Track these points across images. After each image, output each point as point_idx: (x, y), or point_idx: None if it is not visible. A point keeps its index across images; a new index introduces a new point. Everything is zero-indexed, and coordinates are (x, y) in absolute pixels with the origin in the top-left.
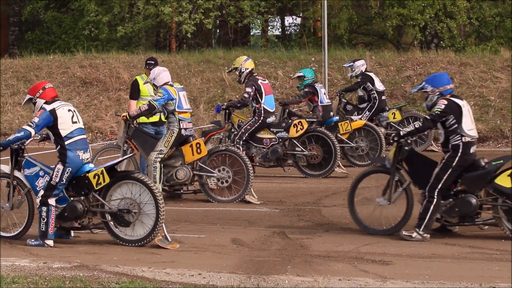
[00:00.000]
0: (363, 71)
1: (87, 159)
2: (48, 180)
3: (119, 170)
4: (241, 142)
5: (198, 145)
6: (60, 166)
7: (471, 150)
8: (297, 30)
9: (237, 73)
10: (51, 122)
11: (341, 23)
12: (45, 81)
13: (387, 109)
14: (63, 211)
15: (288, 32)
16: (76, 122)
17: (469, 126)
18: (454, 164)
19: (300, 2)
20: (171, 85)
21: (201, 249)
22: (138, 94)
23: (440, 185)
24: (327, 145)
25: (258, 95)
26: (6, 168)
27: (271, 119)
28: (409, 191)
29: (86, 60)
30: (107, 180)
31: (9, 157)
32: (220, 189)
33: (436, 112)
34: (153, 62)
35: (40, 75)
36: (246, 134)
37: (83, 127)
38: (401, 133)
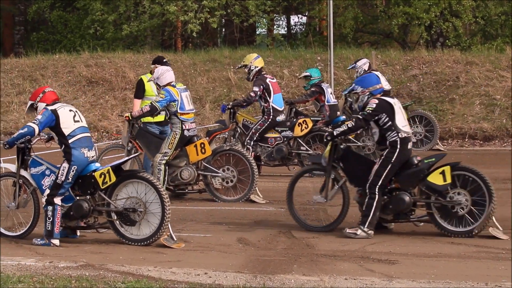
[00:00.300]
0: (366, 69)
1: (92, 157)
2: (54, 179)
3: (125, 169)
4: (251, 143)
5: (202, 145)
6: (65, 165)
7: (409, 146)
8: (303, 29)
9: (246, 70)
10: (53, 121)
11: (347, 22)
12: (44, 86)
13: None
14: (69, 210)
15: (294, 31)
16: (78, 121)
17: (402, 122)
18: (393, 160)
19: (305, 1)
20: (174, 86)
21: (207, 248)
22: (143, 94)
23: (380, 182)
24: None
25: (266, 94)
26: (12, 167)
27: (280, 118)
28: (345, 188)
29: (92, 59)
30: (113, 179)
31: (15, 156)
32: (225, 189)
33: (368, 111)
34: (166, 61)
35: (46, 74)
36: (257, 134)
37: (86, 126)
38: (334, 133)
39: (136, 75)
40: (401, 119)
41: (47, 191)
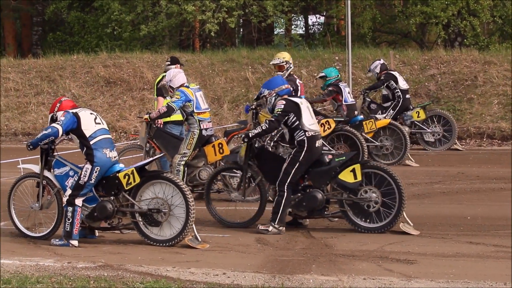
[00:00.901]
0: (378, 72)
1: (114, 157)
2: (76, 179)
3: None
4: (271, 143)
5: (220, 145)
6: (88, 166)
7: (317, 144)
8: (321, 29)
9: (286, 66)
10: (75, 122)
11: (365, 22)
12: (61, 96)
13: (411, 107)
14: (93, 211)
15: (312, 31)
16: (99, 123)
17: (309, 121)
18: (301, 158)
19: (323, 1)
20: (187, 86)
21: (225, 248)
22: (166, 92)
23: (289, 180)
24: (355, 144)
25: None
26: (36, 168)
27: None
28: (262, 186)
29: (110, 59)
30: (137, 180)
31: (37, 156)
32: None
33: (278, 112)
34: (176, 60)
35: (64, 75)
36: (278, 135)
37: (107, 128)
38: (250, 135)
39: (154, 75)
40: (308, 118)
41: (69, 191)
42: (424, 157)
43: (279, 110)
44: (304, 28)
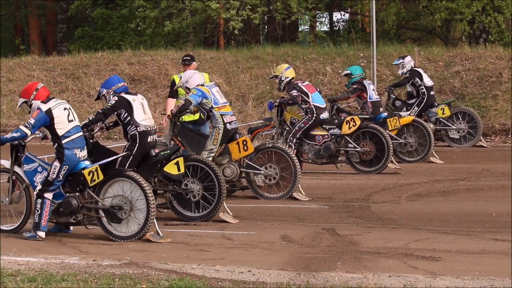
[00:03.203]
0: (412, 66)
1: (83, 156)
2: (45, 176)
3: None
4: (294, 140)
5: (244, 142)
6: (57, 164)
7: (149, 139)
8: (345, 26)
9: (277, 81)
10: (48, 122)
11: (389, 16)
12: (36, 81)
13: (436, 104)
14: (58, 206)
15: (337, 28)
16: (72, 120)
17: (141, 117)
18: (134, 152)
19: None
20: (202, 85)
21: (250, 246)
22: (176, 93)
23: None
24: (380, 141)
25: (303, 96)
26: (6, 164)
27: (324, 115)
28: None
29: (135, 57)
30: (101, 177)
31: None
32: (268, 186)
33: (108, 106)
34: (189, 58)
35: (89, 72)
36: (300, 132)
37: (79, 124)
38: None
39: (179, 72)
40: (139, 114)
41: (39, 186)
42: (449, 154)
43: (109, 105)
44: (328, 25)
